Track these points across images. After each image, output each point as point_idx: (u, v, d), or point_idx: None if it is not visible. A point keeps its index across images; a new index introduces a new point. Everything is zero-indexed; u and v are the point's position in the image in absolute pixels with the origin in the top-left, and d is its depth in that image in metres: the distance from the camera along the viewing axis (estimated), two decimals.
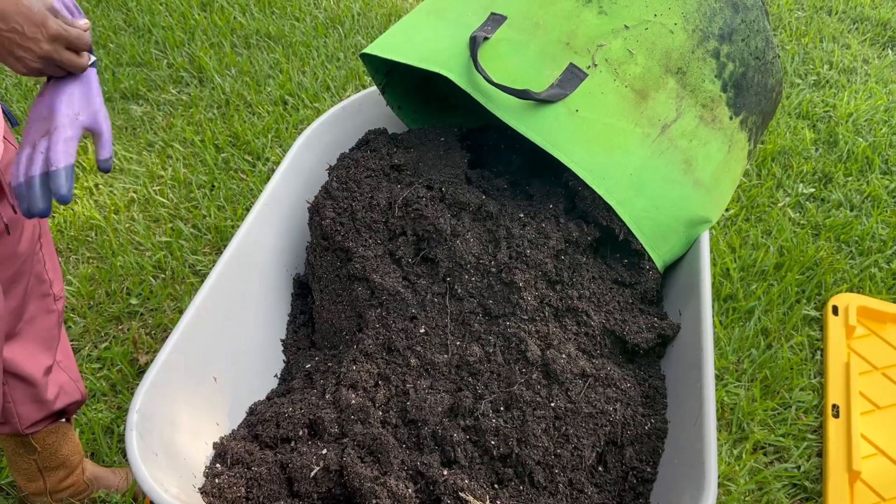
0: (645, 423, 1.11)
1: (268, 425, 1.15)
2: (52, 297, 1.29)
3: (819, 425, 1.84)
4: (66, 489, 1.52)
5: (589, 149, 1.17)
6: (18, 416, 1.30)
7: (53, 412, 1.34)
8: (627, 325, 1.22)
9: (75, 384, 1.39)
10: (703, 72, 1.23)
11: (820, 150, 2.77)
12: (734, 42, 1.25)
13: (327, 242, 1.34)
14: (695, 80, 1.23)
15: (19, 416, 1.30)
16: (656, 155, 1.20)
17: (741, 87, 1.27)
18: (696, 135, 1.23)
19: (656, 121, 1.20)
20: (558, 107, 1.17)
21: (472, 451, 1.08)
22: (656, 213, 1.21)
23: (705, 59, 1.23)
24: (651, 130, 1.20)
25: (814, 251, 2.28)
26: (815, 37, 3.45)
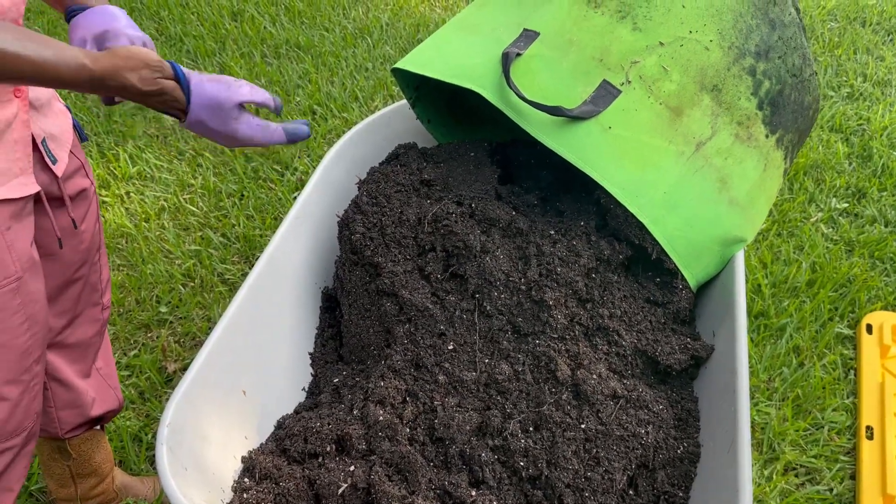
0: (677, 447, 1.10)
1: (296, 440, 1.15)
2: (101, 306, 1.32)
3: (852, 447, 1.80)
4: (96, 496, 1.53)
5: (622, 166, 1.16)
6: (59, 420, 1.31)
7: (91, 418, 1.35)
8: (660, 346, 1.20)
9: (113, 392, 1.40)
10: (739, 89, 1.21)
11: (853, 165, 2.72)
12: (771, 59, 1.24)
13: (356, 257, 1.34)
14: (730, 97, 1.21)
15: (59, 421, 1.31)
16: (691, 173, 1.18)
17: (777, 105, 1.25)
18: (732, 153, 1.21)
19: (691, 138, 1.19)
20: (591, 124, 1.16)
21: (500, 472, 1.07)
22: (690, 232, 1.19)
23: (741, 77, 1.21)
24: (685, 148, 1.18)
25: (847, 268, 2.24)
26: (848, 48, 3.40)
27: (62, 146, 1.17)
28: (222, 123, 1.07)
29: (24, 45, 0.87)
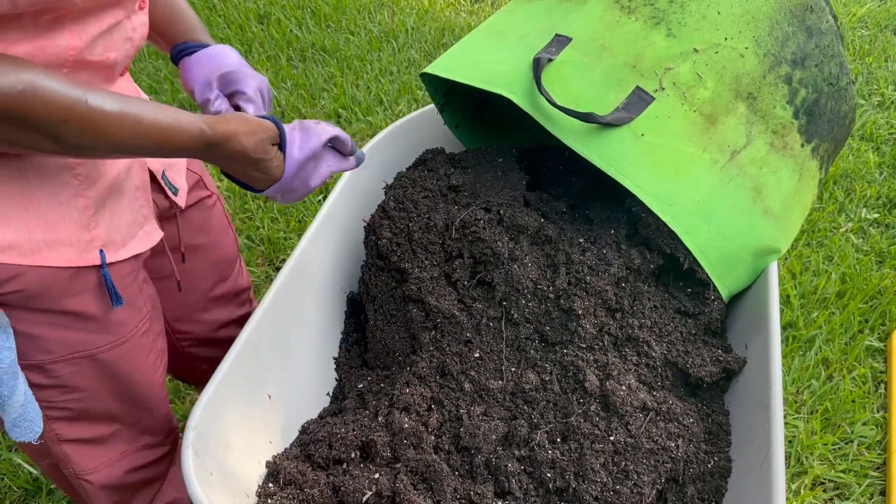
0: (708, 461, 1.07)
1: (320, 445, 1.14)
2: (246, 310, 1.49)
3: (882, 462, 1.77)
4: None
5: (654, 174, 1.14)
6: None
7: None
8: (690, 357, 1.18)
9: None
10: (775, 97, 1.19)
11: (884, 174, 2.68)
12: (807, 68, 1.21)
13: (383, 262, 1.33)
14: (766, 105, 1.19)
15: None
16: (725, 182, 1.16)
17: (813, 114, 1.23)
18: (767, 162, 1.19)
19: (725, 147, 1.17)
20: (623, 130, 1.14)
21: (526, 483, 1.06)
22: (723, 242, 1.17)
23: (777, 85, 1.19)
24: (720, 157, 1.16)
25: (878, 279, 2.20)
26: (879, 56, 3.34)
27: (180, 172, 1.18)
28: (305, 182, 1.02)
29: (142, 108, 0.84)
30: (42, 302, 0.92)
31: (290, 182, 1.00)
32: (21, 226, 0.86)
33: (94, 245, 0.94)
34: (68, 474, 1.12)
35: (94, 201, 0.94)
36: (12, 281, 0.87)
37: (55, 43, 0.81)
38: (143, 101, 0.85)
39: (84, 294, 0.96)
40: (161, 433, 1.23)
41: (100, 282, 0.97)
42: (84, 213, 0.93)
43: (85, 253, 0.93)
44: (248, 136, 0.93)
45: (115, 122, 0.80)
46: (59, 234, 0.90)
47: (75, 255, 0.92)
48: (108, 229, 0.97)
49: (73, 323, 0.96)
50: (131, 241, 1.02)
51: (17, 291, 0.88)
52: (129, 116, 0.82)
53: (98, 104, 0.79)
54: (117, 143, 0.82)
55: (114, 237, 0.98)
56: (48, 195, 0.89)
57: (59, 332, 0.95)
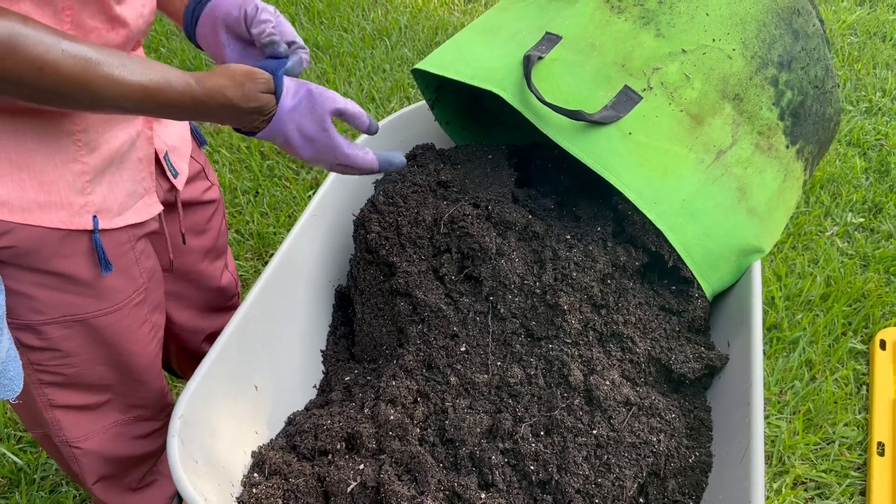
0: (689, 456, 1.09)
1: (306, 436, 1.15)
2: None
3: (863, 463, 1.79)
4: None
5: (641, 173, 1.15)
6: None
7: None
8: (673, 354, 1.20)
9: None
10: (761, 99, 1.21)
11: (870, 179, 2.71)
12: (793, 70, 1.23)
13: (371, 256, 1.34)
14: (752, 106, 1.20)
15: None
16: (710, 181, 1.18)
17: (799, 116, 1.25)
18: (752, 162, 1.21)
19: (711, 147, 1.18)
20: (611, 129, 1.16)
21: (510, 475, 1.07)
22: (708, 241, 1.19)
23: (763, 87, 1.21)
24: (705, 156, 1.18)
25: (862, 283, 2.22)
26: (868, 63, 3.38)
27: (183, 157, 1.18)
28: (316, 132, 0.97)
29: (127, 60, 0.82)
30: (33, 261, 0.93)
31: (282, 129, 0.96)
32: (15, 184, 0.88)
33: (87, 210, 0.95)
34: (59, 442, 1.13)
35: (93, 168, 0.95)
36: (4, 236, 0.89)
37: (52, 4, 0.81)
38: (128, 55, 0.83)
39: (75, 257, 0.96)
40: (154, 407, 1.23)
41: (91, 247, 0.97)
42: (80, 178, 0.94)
43: (77, 217, 0.94)
44: (234, 87, 0.91)
45: (94, 73, 0.78)
46: (51, 196, 0.91)
47: (67, 218, 0.93)
48: (105, 197, 0.97)
49: (64, 285, 0.97)
50: (128, 210, 1.02)
51: (8, 248, 0.90)
52: (111, 67, 0.80)
53: (75, 51, 0.77)
54: (98, 96, 0.80)
55: (110, 205, 0.98)
56: (44, 158, 0.89)
57: (49, 293, 0.97)
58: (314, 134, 0.97)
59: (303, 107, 0.96)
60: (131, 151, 1.02)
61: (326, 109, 0.97)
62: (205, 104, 0.89)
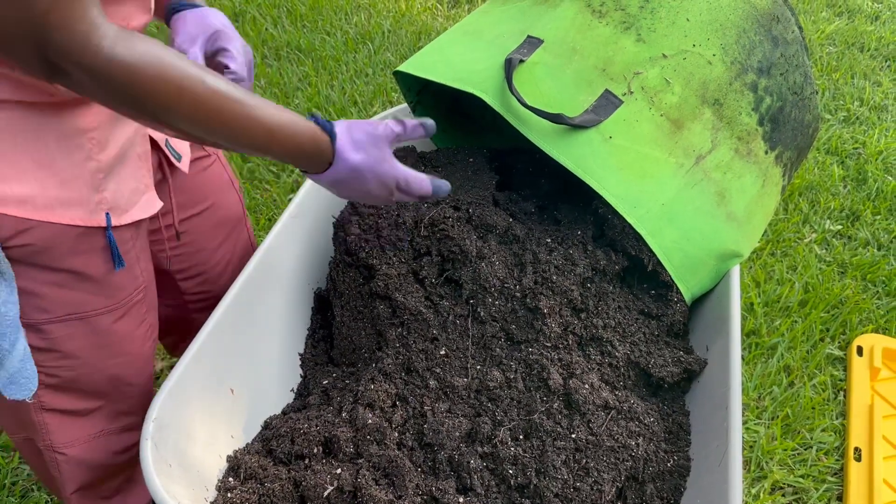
0: (667, 460, 1.09)
1: (282, 441, 1.13)
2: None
3: (840, 468, 1.80)
4: None
5: (621, 177, 1.15)
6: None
7: None
8: (652, 358, 1.20)
9: None
10: (740, 104, 1.21)
11: (848, 187, 2.74)
12: (773, 76, 1.24)
13: (351, 259, 1.33)
14: (731, 112, 1.21)
15: None
16: (689, 186, 1.18)
17: (778, 122, 1.26)
18: (731, 167, 1.21)
19: (691, 151, 1.19)
20: (592, 133, 1.16)
21: (488, 480, 1.06)
22: (687, 245, 1.19)
23: (743, 92, 1.21)
24: (685, 161, 1.18)
25: (839, 289, 2.24)
26: (846, 73, 3.42)
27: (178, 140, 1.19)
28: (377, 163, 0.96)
29: (257, 100, 0.85)
30: (47, 259, 0.94)
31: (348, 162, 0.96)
32: (38, 182, 0.89)
33: (101, 207, 0.97)
34: (43, 447, 1.11)
35: (105, 166, 0.97)
36: (23, 234, 0.90)
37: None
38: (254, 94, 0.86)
39: (88, 254, 0.98)
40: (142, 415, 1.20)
41: (104, 244, 0.99)
42: (95, 175, 0.95)
43: (93, 214, 0.96)
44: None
45: (229, 109, 0.82)
46: (71, 193, 0.93)
47: (85, 215, 0.95)
48: (115, 194, 0.99)
49: (74, 283, 0.98)
50: (133, 207, 1.04)
51: (25, 245, 0.90)
52: (245, 105, 0.83)
53: (215, 86, 0.81)
54: (229, 132, 0.84)
55: (119, 202, 1.00)
56: (63, 156, 0.91)
57: (58, 292, 0.97)
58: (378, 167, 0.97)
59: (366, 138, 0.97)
60: (132, 148, 1.03)
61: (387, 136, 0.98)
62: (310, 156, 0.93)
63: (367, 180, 0.97)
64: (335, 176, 0.96)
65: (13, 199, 0.87)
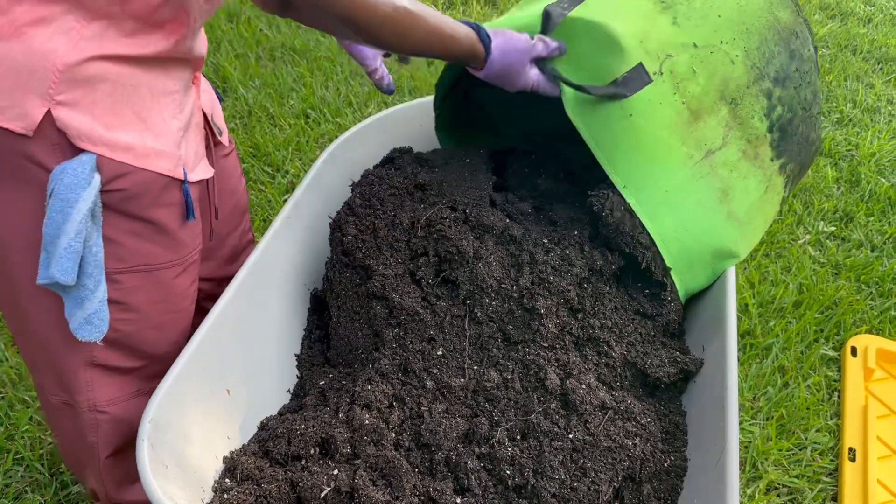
0: (664, 460, 1.09)
1: (279, 441, 1.13)
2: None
3: (835, 468, 1.81)
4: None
5: (631, 157, 1.17)
6: None
7: None
8: (649, 358, 1.20)
9: None
10: (754, 108, 1.24)
11: (841, 189, 2.75)
12: (787, 87, 1.27)
13: (348, 259, 1.32)
14: (745, 113, 1.23)
15: None
16: (696, 178, 1.20)
17: (786, 133, 1.28)
18: (738, 167, 1.23)
19: (702, 144, 1.20)
20: (614, 107, 1.17)
21: (485, 480, 1.06)
22: (685, 236, 1.20)
23: (758, 97, 1.24)
24: (695, 153, 1.20)
25: (833, 290, 2.25)
26: (839, 75, 3.44)
27: (219, 115, 1.30)
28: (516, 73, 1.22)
29: (436, 18, 1.12)
30: (133, 206, 1.02)
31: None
32: (138, 133, 0.99)
33: (181, 162, 1.06)
34: (87, 407, 1.14)
35: (182, 125, 1.07)
36: (120, 179, 0.98)
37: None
38: (426, 7, 1.12)
39: (167, 207, 1.06)
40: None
41: (180, 198, 1.08)
42: (177, 133, 1.05)
43: (176, 167, 1.05)
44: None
45: (419, 27, 1.10)
46: (162, 145, 1.02)
47: (171, 167, 1.04)
48: (186, 153, 1.09)
49: (150, 234, 1.06)
50: (198, 167, 1.14)
51: (119, 191, 0.99)
52: (428, 20, 1.11)
53: (407, 7, 1.08)
54: (415, 45, 1.12)
55: (188, 160, 1.09)
56: (156, 111, 1.01)
57: (135, 242, 1.05)
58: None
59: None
60: (193, 118, 1.13)
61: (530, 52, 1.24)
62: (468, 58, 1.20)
63: (510, 78, 1.24)
64: (487, 72, 1.23)
65: (119, 146, 0.96)
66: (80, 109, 0.93)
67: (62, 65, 0.90)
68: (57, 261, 0.94)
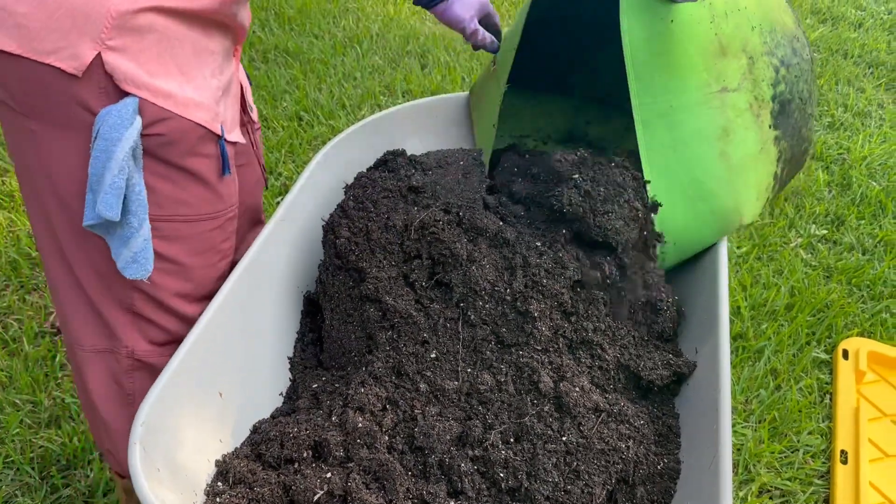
0: (658, 463, 1.09)
1: (271, 445, 1.12)
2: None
3: (827, 471, 1.81)
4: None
5: (656, 63, 1.21)
6: None
7: None
8: (642, 361, 1.20)
9: None
10: (765, 73, 1.30)
11: (833, 193, 2.76)
12: (790, 72, 1.34)
13: (341, 261, 1.32)
14: (758, 74, 1.30)
15: None
16: (705, 105, 1.25)
17: (784, 111, 1.33)
18: (743, 116, 1.28)
19: (721, 79, 1.26)
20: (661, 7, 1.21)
21: (479, 483, 1.06)
22: (672, 157, 1.24)
23: (768, 66, 1.31)
24: (714, 83, 1.25)
25: (825, 293, 2.26)
26: (830, 79, 3.46)
27: (249, 95, 1.37)
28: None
29: None
30: (172, 153, 1.07)
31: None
32: (178, 83, 1.05)
33: (218, 119, 1.13)
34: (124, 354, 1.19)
35: (222, 86, 1.14)
36: (160, 124, 1.03)
37: None
38: None
39: (204, 158, 1.12)
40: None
41: (216, 153, 1.14)
42: (216, 91, 1.12)
43: (214, 121, 1.11)
44: None
45: None
46: (202, 98, 1.08)
47: (209, 119, 1.10)
48: (224, 114, 1.15)
49: (188, 184, 1.11)
50: (234, 131, 1.21)
51: (158, 135, 1.04)
52: None
53: None
54: None
55: (227, 120, 1.16)
56: (198, 66, 1.08)
57: (173, 189, 1.10)
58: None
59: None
60: (232, 86, 1.20)
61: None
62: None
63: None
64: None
65: (161, 92, 1.02)
66: (128, 55, 0.99)
67: (116, 12, 0.97)
68: (102, 197, 0.99)
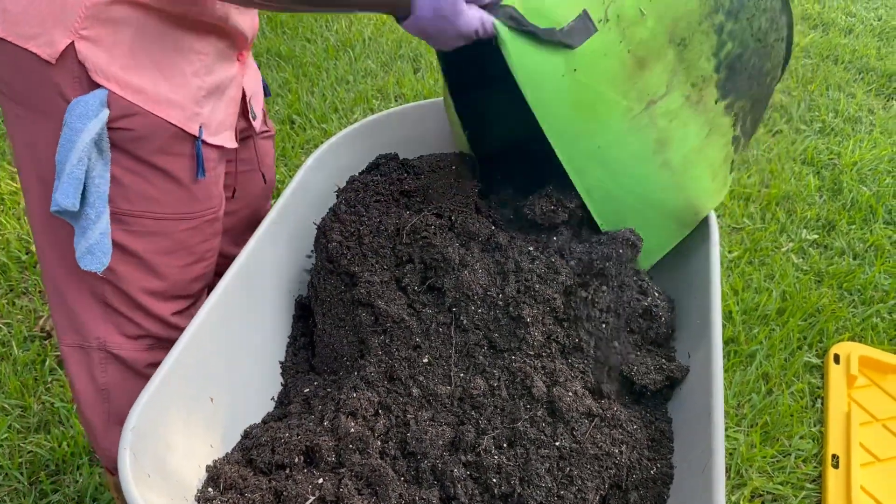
0: (651, 468, 1.09)
1: (263, 450, 1.12)
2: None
3: (818, 475, 1.82)
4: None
5: (570, 115, 1.16)
6: None
7: None
8: (635, 366, 1.20)
9: None
10: (703, 47, 1.21)
11: (824, 197, 2.78)
12: (739, 20, 1.23)
13: (333, 265, 1.32)
14: (693, 55, 1.20)
15: None
16: (632, 131, 1.19)
17: (734, 70, 1.25)
18: (678, 115, 1.22)
19: (644, 95, 1.18)
20: (560, 62, 1.13)
21: (472, 488, 1.05)
22: (612, 186, 1.21)
23: (708, 34, 1.20)
24: (636, 105, 1.18)
25: (816, 298, 2.27)
26: (821, 84, 3.48)
27: (259, 103, 1.38)
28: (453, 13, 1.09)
29: None
30: (142, 149, 1.07)
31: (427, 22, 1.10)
32: (152, 79, 1.05)
33: (197, 119, 1.12)
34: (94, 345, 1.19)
35: (206, 87, 1.13)
36: (129, 118, 1.04)
37: None
38: None
39: (177, 157, 1.11)
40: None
41: (192, 152, 1.13)
42: (197, 91, 1.11)
43: (190, 121, 1.10)
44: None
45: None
46: (177, 96, 1.08)
47: (183, 119, 1.09)
48: (208, 116, 1.14)
49: (159, 181, 1.11)
50: (221, 134, 1.19)
51: (127, 130, 1.04)
52: None
53: None
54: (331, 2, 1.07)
55: (209, 123, 1.15)
56: (176, 65, 1.07)
57: (143, 185, 1.10)
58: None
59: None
60: (229, 89, 1.19)
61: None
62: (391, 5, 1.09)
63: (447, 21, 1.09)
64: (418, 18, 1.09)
65: (131, 86, 1.02)
66: (101, 47, 1.00)
67: (90, 2, 0.98)
68: (60, 187, 1.00)
